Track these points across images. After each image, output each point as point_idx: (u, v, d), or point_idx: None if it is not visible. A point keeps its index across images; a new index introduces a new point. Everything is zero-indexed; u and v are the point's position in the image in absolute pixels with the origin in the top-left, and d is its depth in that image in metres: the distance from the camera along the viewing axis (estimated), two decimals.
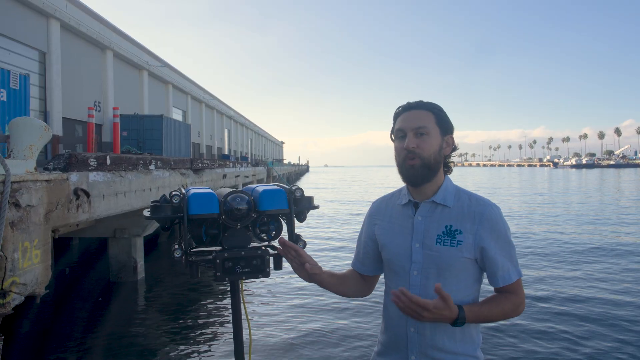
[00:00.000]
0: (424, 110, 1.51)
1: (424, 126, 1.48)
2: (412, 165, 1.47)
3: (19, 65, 14.67)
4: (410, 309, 1.33)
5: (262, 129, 74.77)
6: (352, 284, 1.70)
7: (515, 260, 1.47)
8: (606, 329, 5.72)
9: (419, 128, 1.48)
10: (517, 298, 1.46)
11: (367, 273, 1.70)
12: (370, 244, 1.65)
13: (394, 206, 1.60)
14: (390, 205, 1.62)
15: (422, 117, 1.49)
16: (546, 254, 10.36)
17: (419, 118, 1.49)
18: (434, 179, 1.50)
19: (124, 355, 5.43)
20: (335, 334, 5.73)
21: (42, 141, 4.47)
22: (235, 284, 1.56)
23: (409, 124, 1.49)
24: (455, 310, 1.36)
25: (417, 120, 1.49)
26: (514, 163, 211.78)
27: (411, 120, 1.49)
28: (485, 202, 1.48)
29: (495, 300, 1.46)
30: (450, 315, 1.35)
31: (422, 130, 1.48)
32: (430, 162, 1.47)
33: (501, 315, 1.45)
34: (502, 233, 1.45)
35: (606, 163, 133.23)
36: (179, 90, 32.22)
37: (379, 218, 1.63)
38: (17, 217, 4.01)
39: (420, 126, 1.48)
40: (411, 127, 1.48)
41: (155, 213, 1.43)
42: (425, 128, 1.48)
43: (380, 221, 1.62)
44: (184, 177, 10.35)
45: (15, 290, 3.89)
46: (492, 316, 1.44)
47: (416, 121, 1.48)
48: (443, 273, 1.45)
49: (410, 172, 1.48)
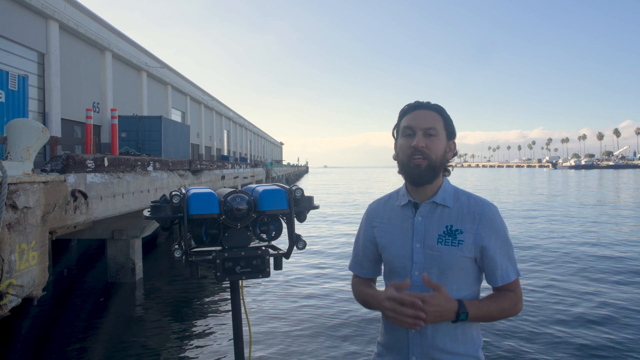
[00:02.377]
0: (434, 112, 1.51)
1: (434, 127, 1.49)
2: (418, 165, 1.47)
3: (17, 67, 14.66)
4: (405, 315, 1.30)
5: (261, 129, 74.82)
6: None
7: (513, 260, 1.49)
8: (608, 330, 5.71)
9: (430, 129, 1.48)
10: (515, 296, 1.47)
11: (365, 276, 1.70)
12: (370, 246, 1.64)
13: (392, 208, 1.60)
14: (388, 207, 1.61)
15: (433, 118, 1.50)
16: (551, 256, 10.36)
17: (430, 118, 1.49)
18: (435, 180, 1.51)
19: (123, 355, 5.41)
20: (335, 334, 5.71)
21: (40, 143, 4.45)
22: (235, 284, 1.55)
23: (419, 122, 1.49)
24: (454, 302, 1.36)
25: (428, 121, 1.49)
26: (513, 164, 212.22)
27: (421, 119, 1.49)
28: (483, 202, 1.50)
29: (494, 298, 1.46)
30: (450, 306, 1.34)
31: (432, 131, 1.48)
32: (436, 164, 1.49)
33: (500, 313, 1.45)
34: (501, 232, 1.47)
35: (605, 164, 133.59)
36: (178, 91, 32.23)
37: (377, 220, 1.62)
38: (14, 218, 3.99)
39: (430, 127, 1.49)
40: (421, 126, 1.48)
41: (155, 213, 1.42)
42: (435, 129, 1.49)
43: (379, 223, 1.61)
44: (182, 179, 10.33)
45: (12, 292, 3.86)
46: (492, 313, 1.44)
47: (427, 121, 1.49)
48: (444, 272, 1.46)
49: (416, 171, 1.48)
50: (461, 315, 1.36)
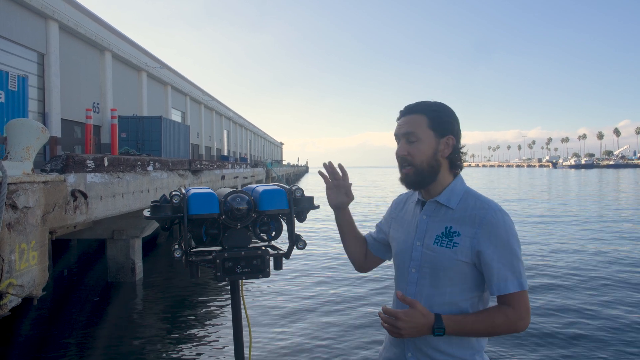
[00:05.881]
0: (417, 115, 1.50)
1: (413, 132, 1.49)
2: (406, 174, 1.51)
3: (17, 67, 14.65)
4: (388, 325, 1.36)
5: (261, 129, 74.80)
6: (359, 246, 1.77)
7: (517, 271, 1.37)
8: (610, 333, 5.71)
9: (408, 134, 1.50)
10: (513, 313, 1.36)
11: (370, 248, 1.77)
12: (385, 229, 1.73)
13: (409, 203, 1.65)
14: (409, 201, 1.66)
15: (413, 123, 1.50)
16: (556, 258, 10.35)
17: (409, 124, 1.50)
18: (438, 180, 1.51)
19: (123, 355, 5.41)
20: (337, 333, 5.71)
21: (39, 143, 4.46)
22: (235, 284, 1.55)
23: (400, 130, 1.53)
24: (430, 317, 1.35)
25: (406, 126, 1.50)
26: (513, 163, 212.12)
27: (402, 126, 1.52)
28: (489, 206, 1.43)
29: (485, 313, 1.40)
30: (425, 322, 1.34)
31: (411, 137, 1.49)
32: (423, 168, 1.48)
33: (491, 329, 1.37)
34: (502, 239, 1.38)
35: (605, 163, 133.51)
36: (178, 91, 32.22)
37: (396, 212, 1.69)
38: (14, 218, 3.99)
39: (408, 132, 1.49)
40: (401, 133, 1.52)
41: (155, 213, 1.42)
42: (414, 134, 1.49)
43: (396, 215, 1.68)
44: (182, 178, 10.33)
45: (12, 292, 3.86)
46: (479, 329, 1.37)
47: (406, 127, 1.50)
48: (437, 273, 1.45)
49: (405, 179, 1.52)
50: (436, 330, 1.34)
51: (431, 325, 1.34)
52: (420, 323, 1.33)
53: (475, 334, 1.40)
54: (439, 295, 1.44)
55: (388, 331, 1.38)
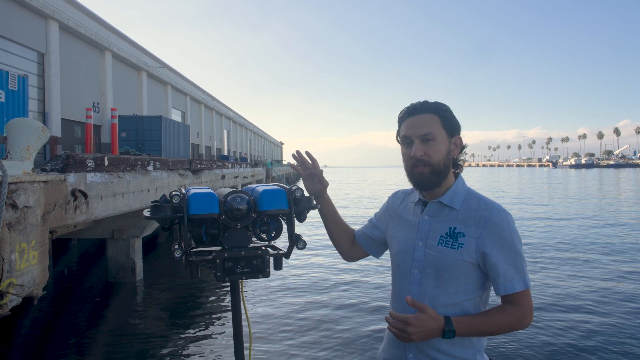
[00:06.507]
0: (429, 114, 1.48)
1: (430, 132, 1.45)
2: (421, 172, 1.47)
3: (17, 67, 14.64)
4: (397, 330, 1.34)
5: (261, 129, 74.76)
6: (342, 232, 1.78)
7: (522, 271, 1.41)
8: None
9: (425, 135, 1.46)
10: (519, 311, 1.40)
11: (360, 243, 1.77)
12: (381, 227, 1.70)
13: (408, 202, 1.63)
14: (406, 201, 1.64)
15: (428, 122, 1.47)
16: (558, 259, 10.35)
17: (425, 123, 1.46)
18: (443, 181, 1.50)
19: (123, 355, 5.41)
20: (336, 333, 5.71)
21: (40, 142, 4.45)
22: (235, 284, 1.55)
23: (415, 130, 1.47)
24: (440, 320, 1.35)
25: (422, 127, 1.46)
26: (514, 163, 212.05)
27: (416, 126, 1.47)
28: (493, 207, 1.44)
29: (492, 312, 1.41)
30: (435, 325, 1.34)
31: (429, 136, 1.46)
32: (440, 168, 1.47)
33: (498, 328, 1.40)
34: (507, 240, 1.40)
35: (605, 163, 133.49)
36: (178, 91, 32.21)
37: (393, 211, 1.67)
38: (14, 218, 3.99)
39: (426, 132, 1.46)
40: (417, 134, 1.46)
41: (155, 213, 1.42)
42: (431, 134, 1.46)
43: (393, 214, 1.66)
44: (182, 178, 10.33)
45: (13, 291, 3.87)
46: (488, 328, 1.39)
47: (422, 127, 1.46)
48: (441, 274, 1.45)
49: (419, 178, 1.48)
50: (447, 333, 1.35)
51: (441, 329, 1.34)
52: (431, 327, 1.33)
53: (483, 334, 1.41)
54: (443, 296, 1.44)
55: (396, 336, 1.35)
